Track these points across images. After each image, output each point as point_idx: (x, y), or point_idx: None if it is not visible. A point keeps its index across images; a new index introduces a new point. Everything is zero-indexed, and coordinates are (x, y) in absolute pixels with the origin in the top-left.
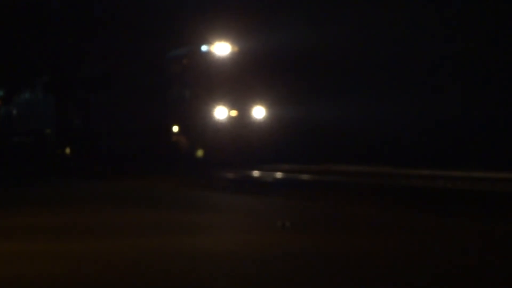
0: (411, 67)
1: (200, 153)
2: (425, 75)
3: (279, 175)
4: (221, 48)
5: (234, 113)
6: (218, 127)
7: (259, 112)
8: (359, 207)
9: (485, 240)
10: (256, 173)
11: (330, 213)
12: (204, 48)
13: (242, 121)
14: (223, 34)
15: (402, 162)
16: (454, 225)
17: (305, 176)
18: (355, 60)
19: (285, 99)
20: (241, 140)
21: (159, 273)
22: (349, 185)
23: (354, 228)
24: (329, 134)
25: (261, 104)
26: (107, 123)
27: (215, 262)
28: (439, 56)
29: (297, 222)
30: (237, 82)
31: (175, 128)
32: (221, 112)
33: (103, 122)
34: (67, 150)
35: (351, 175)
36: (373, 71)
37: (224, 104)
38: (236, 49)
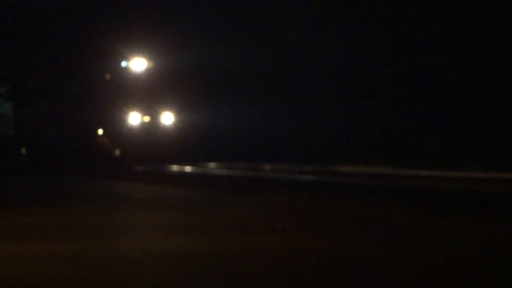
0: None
1: (117, 152)
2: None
3: (187, 169)
4: (138, 64)
5: (147, 118)
6: (132, 130)
7: (168, 118)
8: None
9: (485, 241)
10: (164, 168)
11: (222, 198)
12: (123, 63)
13: (153, 125)
14: (140, 51)
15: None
16: (453, 226)
17: (216, 171)
18: (259, 75)
19: (191, 107)
20: (151, 141)
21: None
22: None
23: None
24: (228, 137)
25: (170, 111)
26: (54, 126)
27: None
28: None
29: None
30: (150, 92)
31: (100, 131)
32: (136, 118)
33: (51, 125)
34: (23, 150)
35: (262, 171)
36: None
37: (138, 111)
38: (151, 64)
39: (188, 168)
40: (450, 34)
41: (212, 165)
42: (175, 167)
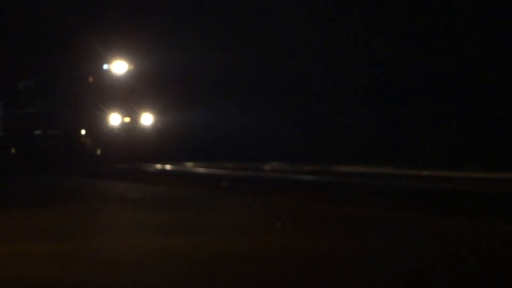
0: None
1: (98, 151)
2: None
3: (173, 168)
4: (119, 66)
5: (127, 119)
6: (113, 131)
7: (147, 119)
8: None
9: (485, 241)
10: (146, 167)
11: (219, 198)
12: (105, 66)
13: (133, 126)
14: (122, 54)
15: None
16: (453, 226)
17: (201, 170)
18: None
19: (169, 108)
20: (131, 141)
21: None
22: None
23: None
24: (205, 137)
25: (150, 112)
26: (41, 127)
27: None
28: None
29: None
30: (131, 94)
31: (83, 131)
32: (116, 119)
33: (38, 126)
34: (13, 150)
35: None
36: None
37: (119, 112)
38: (131, 66)
39: (172, 167)
40: (449, 33)
41: (200, 164)
42: (158, 166)
